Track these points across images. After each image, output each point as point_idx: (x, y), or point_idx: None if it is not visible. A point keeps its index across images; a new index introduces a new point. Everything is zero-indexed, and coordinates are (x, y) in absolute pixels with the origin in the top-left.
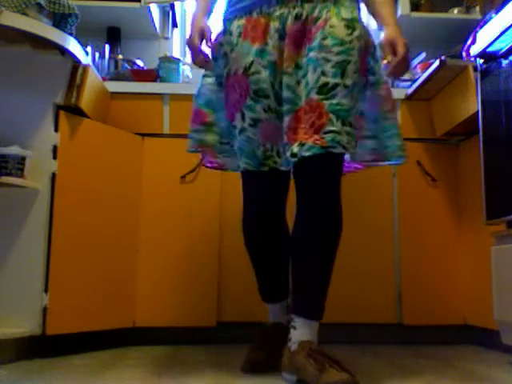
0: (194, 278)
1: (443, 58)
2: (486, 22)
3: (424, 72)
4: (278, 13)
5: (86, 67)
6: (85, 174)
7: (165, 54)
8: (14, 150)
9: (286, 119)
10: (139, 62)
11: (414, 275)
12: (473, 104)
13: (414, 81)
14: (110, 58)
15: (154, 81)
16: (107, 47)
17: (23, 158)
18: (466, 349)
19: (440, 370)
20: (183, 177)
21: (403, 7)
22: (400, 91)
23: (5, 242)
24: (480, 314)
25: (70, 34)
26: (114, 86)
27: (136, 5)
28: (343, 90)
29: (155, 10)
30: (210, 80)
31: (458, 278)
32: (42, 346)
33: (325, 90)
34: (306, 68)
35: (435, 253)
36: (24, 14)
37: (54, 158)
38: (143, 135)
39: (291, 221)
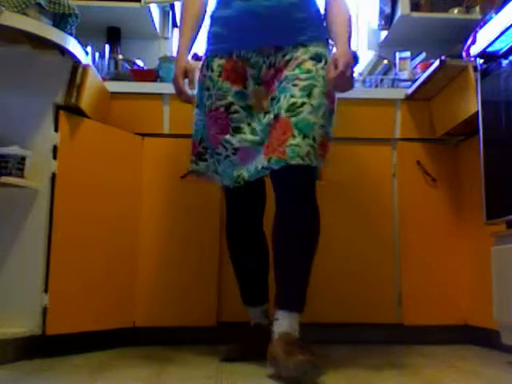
0: (194, 278)
1: (443, 57)
2: (486, 22)
3: (424, 72)
4: (254, 59)
5: (86, 67)
6: (85, 173)
7: (165, 54)
8: (14, 149)
9: (265, 143)
10: (139, 62)
11: (414, 275)
12: (473, 104)
13: (414, 81)
14: (109, 57)
15: (154, 81)
16: (107, 47)
17: (23, 158)
18: (466, 349)
19: (440, 370)
20: (183, 177)
21: (403, 7)
22: (400, 91)
23: (5, 242)
24: (480, 314)
25: (70, 34)
26: (113, 86)
27: (136, 5)
28: (309, 108)
29: (155, 10)
30: (197, 111)
31: (458, 278)
32: (42, 346)
33: (292, 108)
34: (278, 96)
35: (435, 253)
36: (24, 14)
37: (54, 158)
38: (143, 135)
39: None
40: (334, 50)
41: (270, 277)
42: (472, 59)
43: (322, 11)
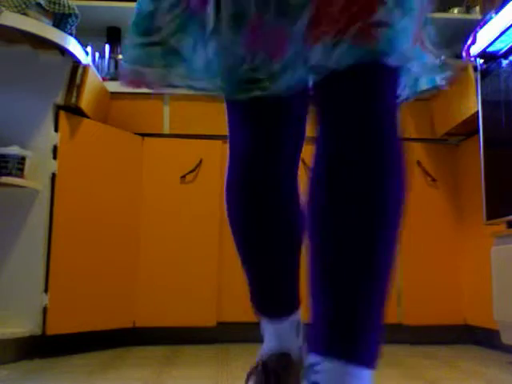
0: (194, 278)
1: (443, 58)
2: (486, 22)
3: None
4: None
5: (86, 67)
6: (85, 173)
7: None
8: (14, 149)
9: (303, 14)
10: None
11: (414, 275)
12: (473, 104)
13: None
14: (109, 57)
15: None
16: (107, 47)
17: (23, 158)
18: (466, 349)
19: (440, 370)
20: (183, 177)
21: None
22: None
23: (5, 242)
24: (480, 313)
25: (70, 34)
26: (114, 86)
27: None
28: None
29: None
30: None
31: (458, 278)
32: (42, 346)
33: None
34: None
35: (435, 253)
36: (24, 14)
37: (54, 158)
38: (143, 135)
39: None
40: None
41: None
42: (472, 59)
43: None
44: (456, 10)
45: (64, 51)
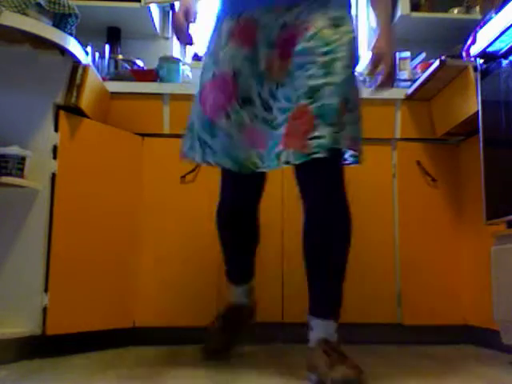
0: (194, 277)
1: (443, 58)
2: (485, 22)
3: (424, 72)
4: (265, 20)
5: (86, 67)
6: (85, 173)
7: (165, 54)
8: (14, 149)
9: (280, 127)
10: (139, 62)
11: (414, 275)
12: (473, 104)
13: (414, 81)
14: (109, 58)
15: (154, 81)
16: (107, 47)
17: (23, 158)
18: (466, 349)
19: (440, 370)
20: (183, 177)
21: (403, 7)
22: (400, 91)
23: (5, 242)
24: (480, 314)
25: (70, 34)
26: (114, 86)
27: (136, 5)
28: (330, 89)
29: (155, 10)
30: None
31: (457, 277)
32: (42, 346)
33: (311, 92)
34: (293, 74)
35: (435, 253)
36: (24, 14)
37: (54, 157)
38: (143, 135)
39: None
40: (376, 34)
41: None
42: (472, 59)
43: None
44: (456, 10)
45: (64, 51)
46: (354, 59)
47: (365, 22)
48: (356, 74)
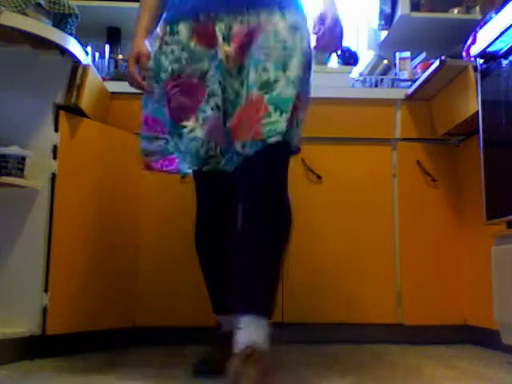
0: (194, 277)
1: (443, 58)
2: (485, 22)
3: (424, 72)
4: (224, 18)
5: (86, 67)
6: (85, 174)
7: None
8: (14, 150)
9: (230, 120)
10: None
11: (414, 275)
12: (473, 104)
13: (414, 81)
14: (109, 57)
15: None
16: (107, 47)
17: (23, 158)
18: (466, 349)
19: (440, 370)
20: (183, 177)
21: (403, 7)
22: (400, 91)
23: (5, 242)
24: (480, 314)
25: (70, 34)
26: (114, 86)
27: (136, 5)
28: (284, 82)
29: None
30: (156, 85)
31: (457, 277)
32: (42, 346)
33: (265, 84)
34: (247, 68)
35: (435, 253)
36: (24, 14)
37: (54, 158)
38: None
39: None
40: (320, 5)
41: None
42: (472, 59)
43: None
44: (456, 10)
45: (64, 51)
46: (307, 63)
47: (364, 22)
48: (310, 80)
